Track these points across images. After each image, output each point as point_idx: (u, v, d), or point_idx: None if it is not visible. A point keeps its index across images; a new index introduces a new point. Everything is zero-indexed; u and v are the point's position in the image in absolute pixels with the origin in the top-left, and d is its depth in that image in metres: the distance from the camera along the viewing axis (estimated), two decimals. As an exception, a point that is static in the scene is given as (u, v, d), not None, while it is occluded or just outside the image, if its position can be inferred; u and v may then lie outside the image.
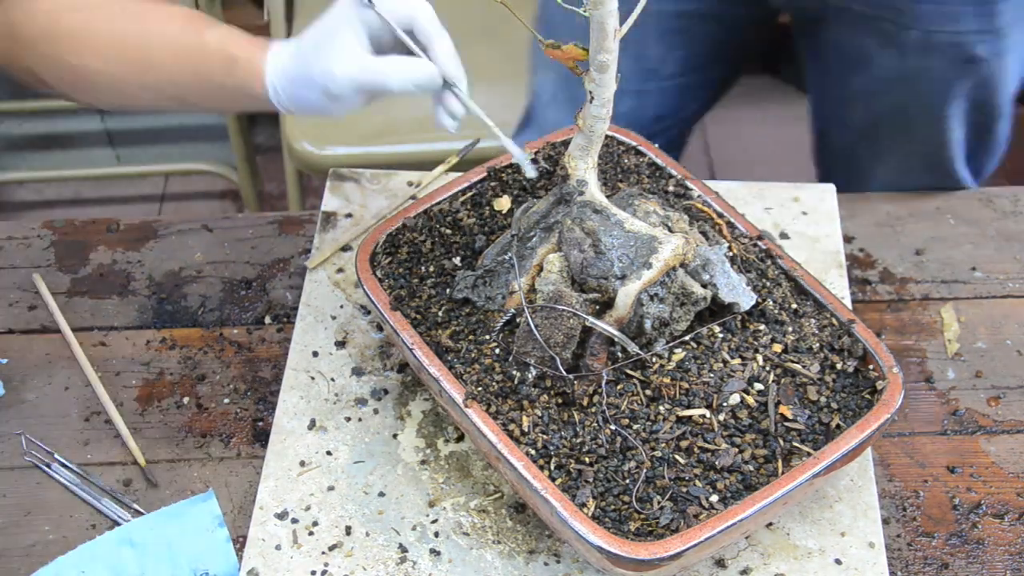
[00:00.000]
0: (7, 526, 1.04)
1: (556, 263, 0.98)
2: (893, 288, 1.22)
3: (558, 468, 0.92)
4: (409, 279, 1.06)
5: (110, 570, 0.99)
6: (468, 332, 1.01)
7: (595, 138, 0.98)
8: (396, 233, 1.09)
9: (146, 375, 1.16)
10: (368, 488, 1.04)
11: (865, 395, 0.97)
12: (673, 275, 0.96)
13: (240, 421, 1.12)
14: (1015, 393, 1.12)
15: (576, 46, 0.92)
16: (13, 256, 1.28)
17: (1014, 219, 1.29)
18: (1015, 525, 1.02)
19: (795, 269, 1.05)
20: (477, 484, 1.04)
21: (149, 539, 1.01)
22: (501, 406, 0.95)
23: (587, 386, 0.96)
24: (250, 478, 1.07)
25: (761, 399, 0.96)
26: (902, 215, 1.29)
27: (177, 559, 1.00)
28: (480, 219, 1.11)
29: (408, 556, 0.99)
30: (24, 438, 1.10)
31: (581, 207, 0.99)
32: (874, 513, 1.01)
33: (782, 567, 0.98)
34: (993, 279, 1.23)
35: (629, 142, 1.18)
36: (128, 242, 1.29)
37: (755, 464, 0.92)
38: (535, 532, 1.00)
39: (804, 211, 1.26)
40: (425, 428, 1.08)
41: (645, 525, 0.89)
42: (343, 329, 1.17)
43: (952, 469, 1.07)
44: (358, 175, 1.32)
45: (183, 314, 1.22)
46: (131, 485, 1.07)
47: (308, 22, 1.00)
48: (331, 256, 1.23)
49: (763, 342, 0.99)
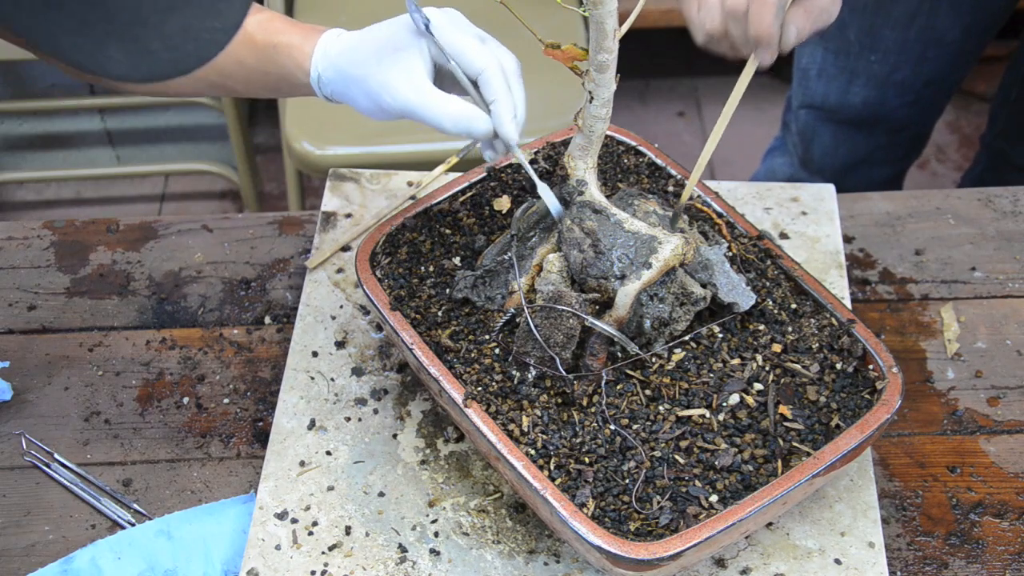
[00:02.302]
0: (7, 526, 1.04)
1: (556, 263, 0.98)
2: (893, 288, 1.22)
3: (558, 468, 0.92)
4: (409, 279, 1.06)
5: (145, 559, 1.00)
6: (468, 332, 1.01)
7: (595, 138, 0.98)
8: (396, 233, 1.09)
9: (146, 375, 1.16)
10: (368, 488, 1.04)
11: (865, 395, 0.97)
12: (673, 275, 0.96)
13: (240, 421, 1.12)
14: (1015, 393, 1.12)
15: (575, 46, 0.92)
16: (13, 256, 1.28)
17: (1014, 219, 1.29)
18: (1015, 525, 1.02)
19: (795, 269, 1.05)
20: (477, 484, 1.04)
21: (186, 533, 1.02)
22: (501, 406, 0.95)
23: (587, 386, 0.96)
24: (250, 478, 1.07)
25: (761, 399, 0.96)
26: (902, 215, 1.29)
27: (211, 556, 1.01)
28: (480, 219, 1.11)
29: (408, 556, 0.99)
30: (24, 438, 1.10)
31: (581, 207, 0.99)
32: (874, 513, 1.01)
33: (782, 567, 0.98)
34: (993, 279, 1.23)
35: (629, 142, 1.18)
36: (128, 242, 1.29)
37: (755, 464, 0.92)
38: (535, 532, 1.00)
39: (804, 211, 1.26)
40: (425, 428, 1.08)
41: (645, 525, 0.89)
42: (343, 329, 1.17)
43: (952, 469, 1.07)
44: (358, 175, 1.32)
45: (183, 314, 1.22)
46: (131, 485, 1.07)
47: (308, 22, 1.00)
48: (331, 256, 1.23)
49: (763, 342, 0.99)
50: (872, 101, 1.59)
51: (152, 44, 0.61)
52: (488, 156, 1.00)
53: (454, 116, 0.92)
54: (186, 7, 0.61)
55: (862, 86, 1.58)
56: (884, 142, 1.70)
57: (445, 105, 0.92)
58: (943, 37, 1.50)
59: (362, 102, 0.96)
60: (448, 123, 0.92)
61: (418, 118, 0.93)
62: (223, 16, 0.63)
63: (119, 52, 0.60)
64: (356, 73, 0.94)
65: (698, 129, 2.65)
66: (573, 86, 1.80)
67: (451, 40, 0.93)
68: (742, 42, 0.97)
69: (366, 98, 0.95)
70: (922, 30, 1.48)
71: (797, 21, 0.94)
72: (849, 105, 1.61)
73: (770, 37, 0.94)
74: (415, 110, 0.92)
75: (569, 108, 1.04)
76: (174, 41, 0.61)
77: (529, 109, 0.94)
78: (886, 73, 1.55)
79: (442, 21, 0.93)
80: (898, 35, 1.50)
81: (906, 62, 1.53)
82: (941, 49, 1.52)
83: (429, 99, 0.92)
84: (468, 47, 0.92)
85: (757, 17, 0.93)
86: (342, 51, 0.96)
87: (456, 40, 0.93)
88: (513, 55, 0.95)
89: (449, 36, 0.92)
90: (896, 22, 1.48)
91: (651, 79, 2.74)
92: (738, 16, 0.95)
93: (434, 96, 0.92)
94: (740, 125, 0.95)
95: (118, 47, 0.60)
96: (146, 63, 0.61)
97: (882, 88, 1.57)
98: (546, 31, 0.91)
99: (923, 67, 1.54)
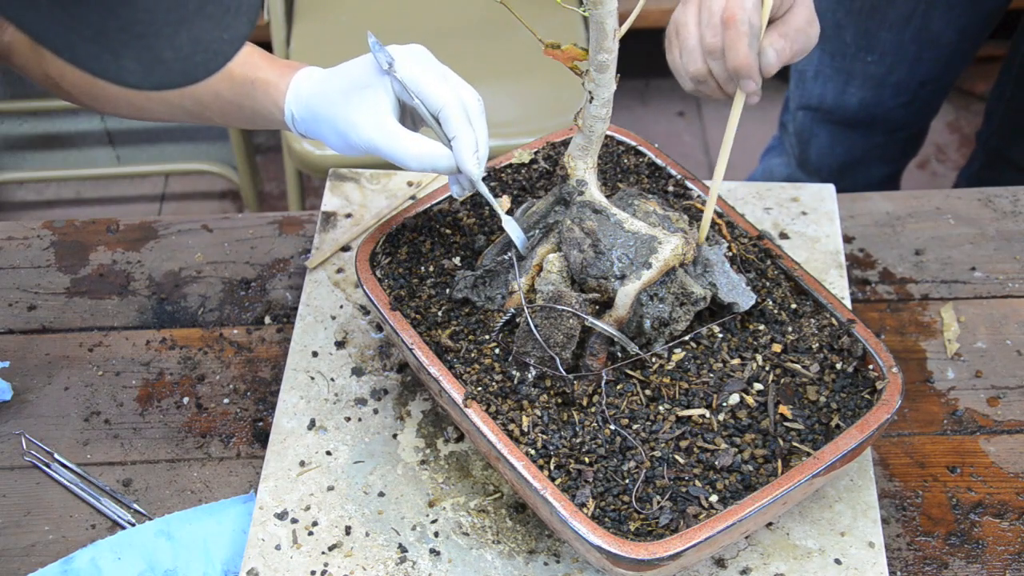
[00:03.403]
0: (7, 526, 1.04)
1: (556, 263, 0.98)
2: (893, 288, 1.22)
3: (558, 468, 0.92)
4: (409, 279, 1.06)
5: (145, 559, 1.00)
6: (468, 332, 1.01)
7: (595, 138, 0.98)
8: (396, 233, 1.09)
9: (146, 375, 1.16)
10: (368, 488, 1.04)
11: (865, 395, 0.97)
12: (673, 275, 0.96)
13: (240, 421, 1.12)
14: (1015, 393, 1.12)
15: (575, 46, 0.92)
16: (13, 256, 1.28)
17: (1014, 219, 1.29)
18: (1015, 525, 1.02)
19: (795, 269, 1.05)
20: (477, 484, 1.04)
21: (186, 533, 1.02)
22: (501, 406, 0.95)
23: (587, 386, 0.96)
24: (250, 478, 1.07)
25: (761, 399, 0.96)
26: (902, 215, 1.29)
27: (211, 556, 1.01)
28: (480, 219, 1.11)
29: (408, 556, 0.99)
30: (24, 438, 1.10)
31: (581, 207, 0.99)
32: (874, 513, 1.01)
33: (782, 567, 0.98)
34: (993, 279, 1.23)
35: (629, 142, 1.18)
36: (128, 242, 1.29)
37: (755, 464, 0.92)
38: (535, 532, 1.00)
39: (804, 211, 1.26)
40: (425, 428, 1.08)
41: (645, 525, 0.89)
42: (343, 329, 1.17)
43: (952, 469, 1.07)
44: (358, 175, 1.32)
45: (183, 314, 1.22)
46: (131, 485, 1.07)
47: (308, 22, 1.00)
48: (331, 256, 1.23)
49: (763, 342, 0.99)
50: (868, 102, 1.60)
51: (165, 54, 0.64)
52: (455, 192, 1.02)
53: (417, 155, 0.95)
54: (197, 19, 0.64)
55: (858, 87, 1.59)
56: (881, 142, 1.70)
57: (408, 145, 0.95)
58: (939, 39, 1.51)
59: (333, 140, 0.99)
60: (412, 162, 0.95)
61: (384, 156, 0.96)
62: (231, 29, 0.66)
63: (133, 61, 0.63)
64: (326, 113, 0.97)
65: (698, 129, 2.65)
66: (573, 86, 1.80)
67: (413, 78, 0.95)
68: (725, 79, 0.98)
69: (336, 136, 0.98)
70: (918, 32, 1.49)
71: (775, 43, 0.96)
72: (846, 106, 1.62)
73: (749, 67, 0.95)
74: (380, 149, 0.95)
75: (569, 108, 1.04)
76: (185, 52, 0.64)
77: (529, 109, 0.95)
78: (882, 74, 1.56)
79: (406, 60, 0.96)
80: (894, 37, 1.51)
81: (902, 63, 1.54)
82: (937, 50, 1.53)
83: (393, 139, 0.95)
84: (429, 85, 0.95)
85: (732, 50, 0.95)
86: (312, 92, 0.99)
87: (418, 78, 0.95)
88: (475, 91, 0.98)
89: (411, 74, 0.95)
90: (892, 24, 1.49)
91: (651, 79, 2.74)
92: (716, 53, 0.97)
93: (398, 136, 0.95)
94: (740, 125, 0.95)
95: (133, 56, 0.63)
96: (158, 72, 0.64)
97: (878, 89, 1.58)
98: (546, 31, 0.91)
99: (919, 68, 1.55)
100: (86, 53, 0.61)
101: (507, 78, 1.85)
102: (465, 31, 1.93)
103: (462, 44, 1.89)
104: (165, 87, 0.65)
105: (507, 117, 1.78)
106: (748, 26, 0.94)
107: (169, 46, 0.64)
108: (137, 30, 0.62)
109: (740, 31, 0.94)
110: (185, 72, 0.65)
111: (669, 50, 1.04)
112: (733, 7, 0.94)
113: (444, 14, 1.96)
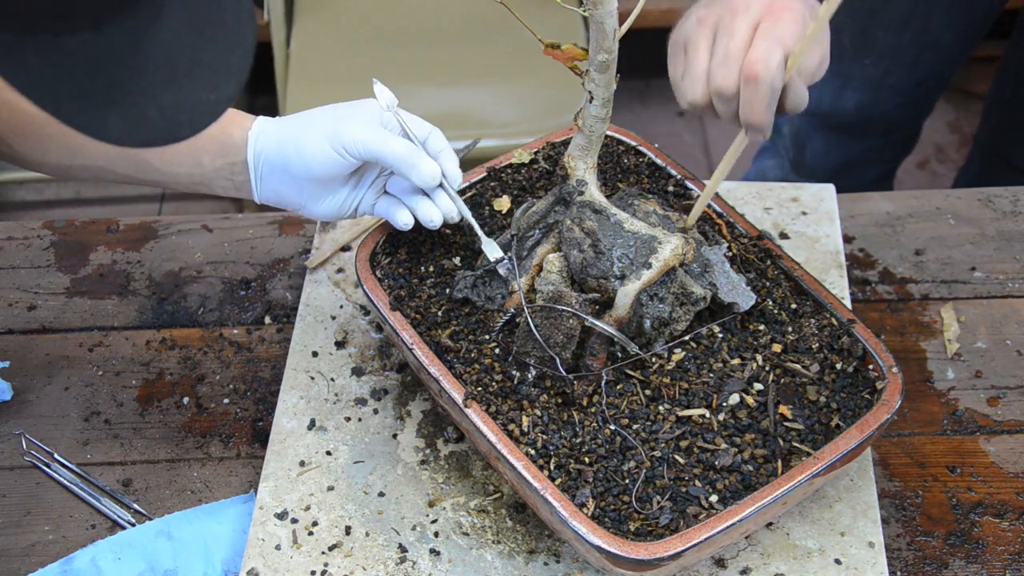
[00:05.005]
0: (7, 526, 1.04)
1: (556, 263, 0.98)
2: (893, 288, 1.22)
3: (558, 468, 0.92)
4: (409, 279, 1.06)
5: (145, 560, 1.00)
6: (468, 332, 1.01)
7: (595, 138, 0.98)
8: (396, 233, 1.09)
9: (146, 375, 1.16)
10: (368, 488, 1.04)
11: (865, 395, 0.97)
12: (673, 275, 0.96)
13: (240, 421, 1.12)
14: (1015, 393, 1.12)
15: (575, 46, 0.92)
16: (13, 256, 1.28)
17: (1014, 219, 1.29)
18: (1015, 525, 1.02)
19: (795, 269, 1.05)
20: (477, 484, 1.04)
21: (186, 534, 1.02)
22: (501, 406, 0.95)
23: (587, 386, 0.96)
24: (250, 478, 1.07)
25: (761, 399, 0.96)
26: (902, 215, 1.29)
27: (211, 557, 1.01)
28: (480, 219, 1.11)
29: (408, 556, 0.99)
30: (24, 438, 1.10)
31: (581, 207, 0.99)
32: (874, 513, 1.01)
33: (782, 567, 0.98)
34: (993, 279, 1.23)
35: (629, 142, 1.18)
36: (128, 242, 1.29)
37: (755, 464, 0.92)
38: (535, 532, 1.00)
39: (804, 211, 1.26)
40: (425, 428, 1.08)
41: (645, 525, 0.89)
42: (343, 329, 1.17)
43: (952, 469, 1.07)
44: (358, 175, 1.32)
45: (183, 314, 1.22)
46: (131, 485, 1.07)
47: (308, 22, 1.00)
48: (331, 256, 1.23)
49: (763, 342, 0.99)
50: (865, 104, 1.60)
51: (149, 112, 0.63)
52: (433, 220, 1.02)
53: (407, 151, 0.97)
54: (185, 80, 0.64)
55: (855, 89, 1.58)
56: (876, 143, 1.70)
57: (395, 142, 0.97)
58: (937, 40, 1.51)
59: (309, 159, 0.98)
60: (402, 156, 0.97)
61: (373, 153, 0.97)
62: (218, 90, 0.66)
63: (118, 118, 0.63)
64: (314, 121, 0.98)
65: (698, 129, 2.65)
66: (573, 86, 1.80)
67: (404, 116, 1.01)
68: (729, 119, 0.93)
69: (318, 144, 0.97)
70: (916, 33, 1.48)
71: (796, 88, 0.91)
72: (842, 109, 1.61)
73: (763, 125, 0.90)
74: (369, 144, 0.97)
75: (569, 108, 1.04)
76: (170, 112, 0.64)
77: (529, 109, 0.95)
78: (879, 76, 1.55)
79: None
80: (892, 39, 1.50)
81: (899, 65, 1.54)
82: (935, 52, 1.53)
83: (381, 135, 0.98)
84: (416, 120, 1.02)
85: (749, 106, 0.89)
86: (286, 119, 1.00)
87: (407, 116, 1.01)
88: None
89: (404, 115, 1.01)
90: (890, 26, 1.49)
91: (651, 79, 2.74)
92: (725, 97, 0.91)
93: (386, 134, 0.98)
94: (733, 125, 0.94)
95: (118, 114, 0.62)
96: (142, 130, 0.64)
97: (875, 91, 1.58)
98: (546, 31, 0.91)
99: (916, 69, 1.55)
100: (71, 108, 0.61)
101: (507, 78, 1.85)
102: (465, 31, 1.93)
103: (462, 44, 1.89)
104: (149, 144, 0.65)
105: (507, 117, 1.78)
106: (771, 89, 0.88)
107: (155, 105, 0.63)
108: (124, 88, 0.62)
109: (762, 92, 0.88)
110: (170, 131, 0.65)
111: (672, 62, 0.99)
112: (756, 64, 0.88)
113: (444, 14, 1.96)
